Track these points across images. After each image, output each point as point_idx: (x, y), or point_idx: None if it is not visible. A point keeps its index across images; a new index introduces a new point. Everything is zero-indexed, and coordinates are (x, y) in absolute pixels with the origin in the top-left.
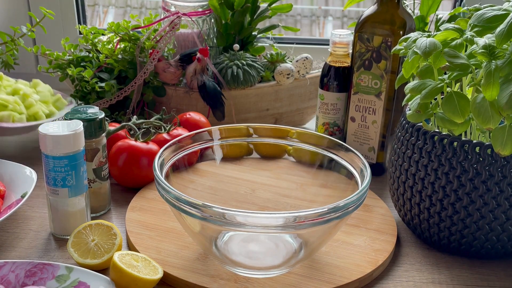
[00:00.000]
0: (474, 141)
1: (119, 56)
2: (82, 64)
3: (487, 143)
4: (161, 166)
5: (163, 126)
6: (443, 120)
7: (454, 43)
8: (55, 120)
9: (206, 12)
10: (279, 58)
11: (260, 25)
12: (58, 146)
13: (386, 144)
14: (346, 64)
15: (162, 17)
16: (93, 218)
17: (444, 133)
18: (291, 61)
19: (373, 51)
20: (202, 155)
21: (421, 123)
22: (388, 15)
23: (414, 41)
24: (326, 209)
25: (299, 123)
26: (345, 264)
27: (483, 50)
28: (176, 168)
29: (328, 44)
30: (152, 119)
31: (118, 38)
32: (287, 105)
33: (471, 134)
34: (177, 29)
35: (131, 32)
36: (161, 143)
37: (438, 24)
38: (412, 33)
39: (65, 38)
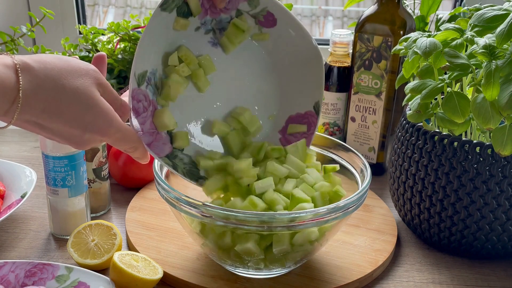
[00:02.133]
0: (475, 141)
1: (119, 56)
2: None
3: (487, 143)
4: (161, 166)
5: None
6: (443, 120)
7: (454, 43)
8: None
9: None
10: None
11: None
12: (58, 146)
13: (386, 144)
14: (346, 64)
15: None
16: (93, 218)
17: (444, 133)
18: None
19: (373, 51)
20: None
21: (421, 123)
22: (388, 15)
23: (414, 41)
24: (326, 209)
25: None
26: (345, 264)
27: (483, 50)
28: None
29: (328, 44)
30: None
31: (118, 38)
32: None
33: (471, 134)
34: None
35: (131, 32)
36: None
37: (438, 24)
38: (412, 33)
39: (65, 38)
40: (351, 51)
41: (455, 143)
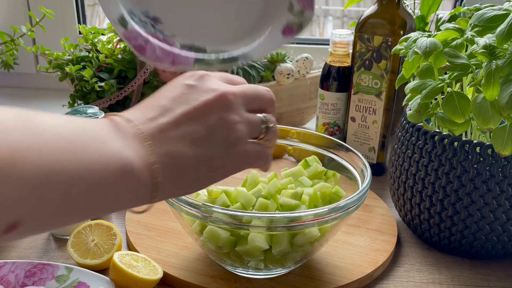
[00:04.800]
0: (475, 141)
1: (119, 56)
2: (82, 64)
3: (487, 143)
4: None
5: None
6: (444, 120)
7: (454, 43)
8: None
9: None
10: (279, 58)
11: None
12: None
13: (386, 144)
14: (346, 64)
15: None
16: (93, 218)
17: (444, 133)
18: (291, 61)
19: (373, 51)
20: None
21: (422, 123)
22: (388, 15)
23: (415, 41)
24: (326, 209)
25: (299, 123)
26: (345, 264)
27: (483, 50)
28: None
29: (328, 44)
30: None
31: (118, 38)
32: (287, 105)
33: (471, 134)
34: None
35: None
36: None
37: (439, 24)
38: (412, 33)
39: (65, 38)
40: (351, 51)
41: (455, 143)
